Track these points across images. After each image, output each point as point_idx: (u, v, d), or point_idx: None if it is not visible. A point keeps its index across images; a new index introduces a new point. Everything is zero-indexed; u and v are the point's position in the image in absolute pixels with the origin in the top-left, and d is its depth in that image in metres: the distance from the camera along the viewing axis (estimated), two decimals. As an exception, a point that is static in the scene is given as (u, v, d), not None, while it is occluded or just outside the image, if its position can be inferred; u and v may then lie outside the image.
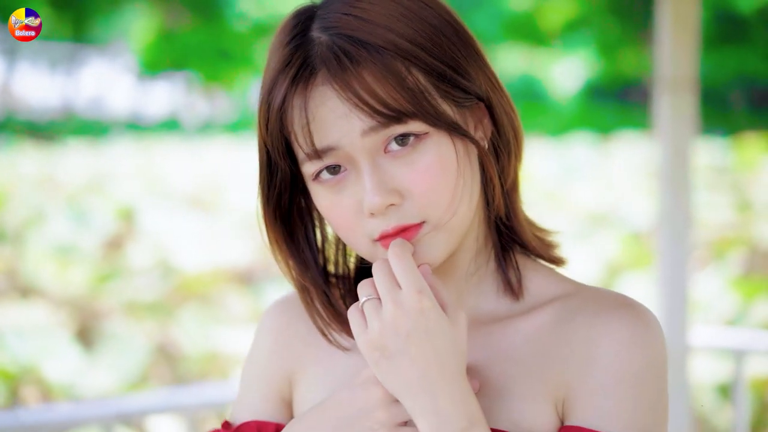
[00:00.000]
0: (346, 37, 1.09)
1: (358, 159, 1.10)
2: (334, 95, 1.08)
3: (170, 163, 12.46)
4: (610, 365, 1.12)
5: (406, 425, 1.12)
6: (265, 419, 1.29)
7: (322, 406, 1.18)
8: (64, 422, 2.60)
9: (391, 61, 1.07)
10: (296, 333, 1.31)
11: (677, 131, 3.23)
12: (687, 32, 3.20)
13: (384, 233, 1.11)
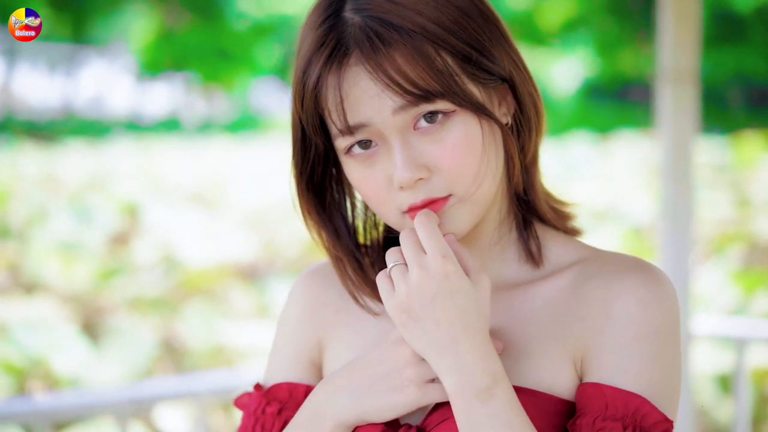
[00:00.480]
0: (378, 19, 1.13)
1: (389, 136, 1.15)
2: (367, 75, 1.13)
3: (170, 162, 12.52)
4: (625, 323, 1.18)
5: (434, 382, 1.17)
6: (296, 381, 1.34)
7: (352, 365, 1.23)
8: (77, 407, 2.65)
9: (420, 43, 1.13)
10: (326, 300, 1.36)
11: (679, 123, 3.28)
12: (688, 25, 3.25)
13: (412, 206, 1.16)
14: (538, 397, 1.18)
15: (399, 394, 1.17)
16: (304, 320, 1.38)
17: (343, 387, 1.22)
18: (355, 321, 1.33)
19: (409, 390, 1.17)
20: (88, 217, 7.11)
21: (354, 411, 1.19)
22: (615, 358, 1.17)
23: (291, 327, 1.39)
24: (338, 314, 1.35)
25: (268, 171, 11.60)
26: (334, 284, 1.36)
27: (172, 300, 6.31)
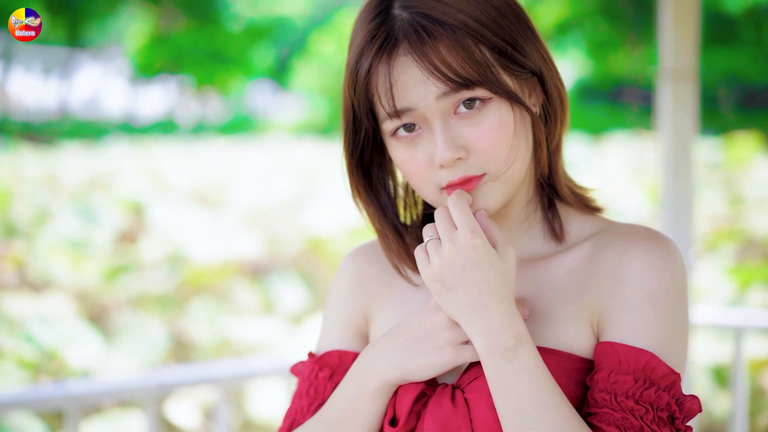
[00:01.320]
0: (424, 15, 1.26)
1: (432, 119, 1.28)
2: (414, 64, 1.26)
3: (168, 163, 12.61)
4: (636, 287, 1.31)
5: (467, 344, 1.30)
6: (345, 349, 1.47)
7: (394, 331, 1.35)
8: (108, 392, 2.77)
9: (461, 37, 1.26)
10: (371, 275, 1.49)
11: (679, 121, 3.40)
12: (688, 26, 3.38)
13: (451, 183, 1.29)
14: (560, 356, 1.31)
15: (436, 355, 1.30)
16: (351, 294, 1.50)
17: (386, 350, 1.34)
18: (396, 294, 1.46)
19: (444, 351, 1.29)
20: (93, 217, 7.20)
21: (397, 371, 1.32)
22: (627, 319, 1.29)
23: (340, 300, 1.51)
24: (382, 288, 1.48)
25: (267, 171, 11.72)
26: (378, 261, 1.49)
27: (178, 297, 6.41)
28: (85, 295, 6.28)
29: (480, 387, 1.29)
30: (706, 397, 5.21)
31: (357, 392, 1.35)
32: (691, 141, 3.44)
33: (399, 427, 1.32)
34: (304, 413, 1.45)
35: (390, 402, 1.34)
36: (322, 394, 1.45)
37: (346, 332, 1.49)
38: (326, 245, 7.36)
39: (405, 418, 1.31)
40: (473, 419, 1.28)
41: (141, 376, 3.07)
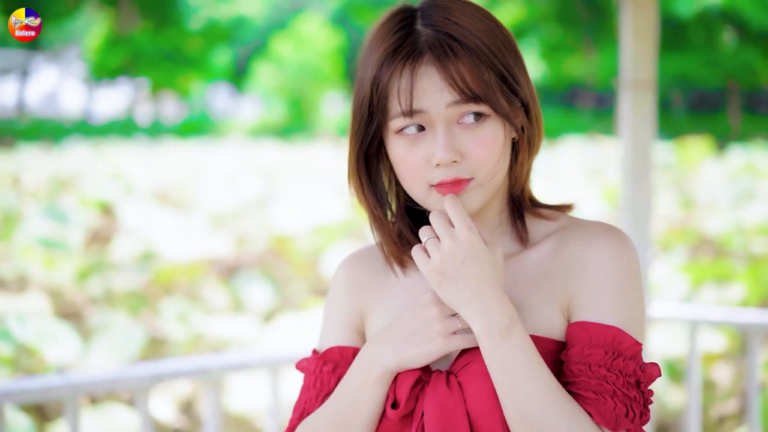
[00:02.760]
0: (447, 34, 1.47)
1: (437, 123, 1.47)
2: (436, 73, 1.46)
3: (128, 164, 12.67)
4: (601, 274, 1.51)
5: (456, 334, 1.49)
6: (345, 345, 1.65)
7: (391, 325, 1.55)
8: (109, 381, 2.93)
9: (475, 59, 1.46)
10: (364, 278, 1.67)
11: (639, 127, 3.62)
12: (646, 39, 3.60)
13: (443, 181, 1.48)
14: (537, 340, 1.50)
15: (429, 344, 1.49)
16: (347, 296, 1.68)
17: (385, 342, 1.53)
18: (387, 293, 1.64)
19: (436, 341, 1.48)
20: (63, 217, 7.30)
21: (395, 360, 1.50)
22: (594, 302, 1.50)
23: (338, 302, 1.69)
24: (374, 289, 1.66)
25: (229, 172, 11.84)
26: (369, 265, 1.68)
27: (150, 295, 6.55)
28: (60, 294, 6.40)
29: (472, 371, 1.48)
30: (660, 391, 5.42)
31: (361, 381, 1.53)
32: (649, 146, 3.65)
33: (400, 409, 1.49)
34: (312, 403, 1.62)
35: (390, 388, 1.52)
36: (327, 386, 1.62)
37: (345, 330, 1.66)
38: (291, 244, 7.52)
39: (405, 401, 1.49)
40: (467, 399, 1.47)
41: (134, 367, 3.21)
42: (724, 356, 5.78)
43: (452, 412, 1.47)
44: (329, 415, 1.56)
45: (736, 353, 5.62)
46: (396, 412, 1.50)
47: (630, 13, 3.59)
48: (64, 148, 16.41)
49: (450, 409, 1.47)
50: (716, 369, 5.72)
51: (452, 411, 1.47)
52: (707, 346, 5.35)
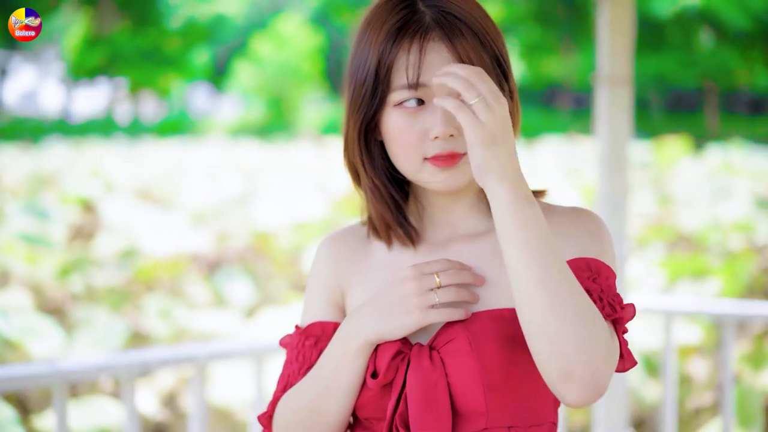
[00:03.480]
0: (449, 13, 1.55)
1: None
2: (445, 49, 1.53)
3: (108, 162, 12.69)
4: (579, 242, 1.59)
5: (432, 308, 1.55)
6: (326, 320, 1.72)
7: (372, 299, 1.61)
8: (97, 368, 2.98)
9: (477, 42, 1.54)
10: (343, 257, 1.73)
11: (615, 122, 3.69)
12: (623, 35, 3.68)
13: (438, 154, 1.54)
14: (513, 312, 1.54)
15: (407, 317, 1.55)
16: (328, 274, 1.73)
17: (366, 314, 1.59)
18: (366, 273, 1.70)
19: (414, 314, 1.55)
20: (45, 214, 7.33)
21: (375, 331, 1.57)
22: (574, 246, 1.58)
23: (319, 280, 1.75)
24: (353, 267, 1.72)
25: (209, 171, 11.88)
26: (348, 245, 1.74)
27: (132, 291, 6.60)
28: (43, 290, 6.44)
29: (454, 348, 1.54)
30: (637, 385, 5.50)
31: (342, 352, 1.59)
32: (626, 142, 3.73)
33: (379, 379, 1.56)
34: (295, 376, 1.68)
35: (371, 359, 1.58)
36: (309, 359, 1.68)
37: (326, 306, 1.72)
38: (272, 240, 7.57)
39: (384, 371, 1.55)
40: (448, 374, 1.53)
41: (121, 354, 3.27)
42: (700, 350, 5.88)
43: (435, 385, 1.53)
44: (312, 385, 1.62)
45: (712, 347, 5.71)
46: (375, 382, 1.56)
47: (607, 9, 3.67)
48: (44, 147, 16.42)
49: (433, 382, 1.53)
50: (693, 363, 5.81)
51: (435, 385, 1.53)
52: (684, 339, 5.43)
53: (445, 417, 1.53)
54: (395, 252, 1.68)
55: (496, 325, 1.54)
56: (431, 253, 1.65)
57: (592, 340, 1.40)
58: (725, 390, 3.78)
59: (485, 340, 1.53)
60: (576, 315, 1.41)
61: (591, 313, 1.42)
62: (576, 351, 1.40)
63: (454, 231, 1.67)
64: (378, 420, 1.61)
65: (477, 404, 1.53)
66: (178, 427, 5.44)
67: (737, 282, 6.11)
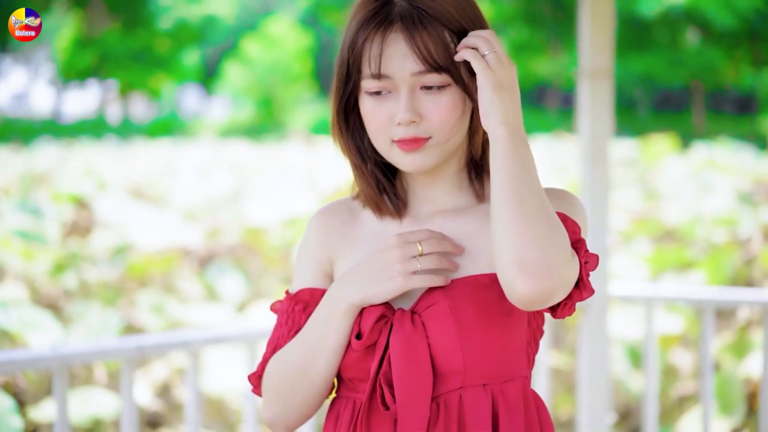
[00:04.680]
0: (418, 7, 1.65)
1: (401, 87, 1.65)
2: (403, 41, 1.63)
3: (101, 162, 12.75)
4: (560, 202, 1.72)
5: (415, 274, 1.66)
6: (315, 287, 1.82)
7: (358, 265, 1.72)
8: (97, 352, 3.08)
9: (443, 31, 1.64)
10: (333, 228, 1.84)
11: (597, 115, 3.80)
12: (604, 29, 3.79)
13: (401, 138, 1.67)
14: (491, 276, 1.67)
15: (390, 282, 1.66)
16: (318, 244, 1.84)
17: (352, 280, 1.70)
18: (355, 243, 1.81)
19: (397, 279, 1.66)
20: (38, 211, 7.41)
21: (360, 295, 1.68)
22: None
23: (310, 249, 1.85)
24: (342, 238, 1.82)
25: (201, 170, 11.96)
26: (338, 217, 1.84)
27: (126, 286, 6.69)
28: (37, 285, 6.53)
29: (434, 312, 1.65)
30: (623, 376, 5.61)
31: (329, 314, 1.70)
32: (607, 134, 3.84)
33: (363, 340, 1.67)
34: (284, 339, 1.79)
35: (356, 322, 1.69)
36: (298, 323, 1.79)
37: (315, 274, 1.83)
38: (263, 236, 7.67)
39: (368, 333, 1.66)
40: (429, 336, 1.65)
41: (120, 339, 3.37)
42: (683, 340, 5.99)
43: (416, 347, 1.64)
44: (299, 346, 1.74)
45: (696, 338, 5.82)
46: (360, 343, 1.67)
47: (588, 5, 3.78)
48: (35, 147, 16.48)
49: (414, 344, 1.64)
50: (676, 353, 5.92)
51: (416, 346, 1.64)
52: (667, 329, 5.54)
53: (426, 376, 1.64)
54: (382, 224, 1.79)
55: (473, 291, 1.66)
56: (414, 225, 1.77)
57: (550, 238, 1.54)
58: (705, 373, 3.88)
59: (463, 305, 1.65)
60: (541, 220, 1.54)
61: (555, 222, 1.56)
62: (533, 242, 1.52)
63: (436, 206, 1.77)
64: (361, 380, 1.72)
65: (455, 364, 1.65)
66: (172, 417, 5.54)
67: (720, 274, 6.22)
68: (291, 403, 1.76)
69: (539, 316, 1.77)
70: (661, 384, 5.63)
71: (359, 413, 1.70)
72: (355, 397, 1.74)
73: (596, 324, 3.90)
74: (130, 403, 3.13)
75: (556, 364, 5.84)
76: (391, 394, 1.65)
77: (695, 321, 5.62)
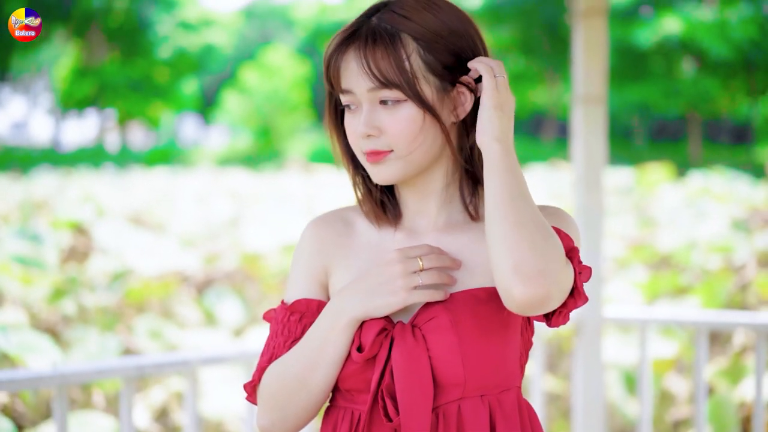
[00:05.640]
0: (382, 25, 1.70)
1: (363, 102, 1.71)
2: (354, 60, 1.70)
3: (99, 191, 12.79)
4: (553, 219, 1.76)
5: (416, 289, 1.70)
6: (311, 297, 1.85)
7: (360, 278, 1.75)
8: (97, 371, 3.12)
9: (398, 47, 1.69)
10: (329, 239, 1.87)
11: (591, 140, 3.86)
12: (597, 57, 3.86)
13: (366, 151, 1.73)
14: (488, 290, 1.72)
15: (392, 297, 1.70)
16: (313, 254, 1.87)
17: (354, 294, 1.73)
18: (351, 254, 1.84)
19: (399, 294, 1.70)
20: (37, 238, 7.45)
21: (361, 309, 1.71)
22: None
23: (305, 260, 1.87)
24: (338, 249, 1.85)
25: (199, 198, 12.01)
26: (335, 228, 1.88)
27: (124, 311, 6.72)
28: (36, 310, 6.56)
29: (435, 326, 1.69)
30: (619, 402, 5.63)
31: (330, 326, 1.73)
32: (601, 158, 3.90)
33: (364, 353, 1.70)
34: (281, 348, 1.81)
35: (356, 334, 1.72)
36: (294, 333, 1.81)
37: (310, 285, 1.85)
38: (260, 262, 7.71)
39: (369, 346, 1.70)
40: (430, 349, 1.68)
41: (119, 359, 3.40)
42: (678, 365, 6.02)
43: (418, 360, 1.68)
44: (298, 356, 1.76)
45: (691, 363, 5.85)
46: (361, 356, 1.70)
47: (582, 33, 3.86)
48: (34, 176, 16.54)
49: (416, 357, 1.68)
50: (671, 378, 5.95)
51: (417, 359, 1.68)
52: (662, 353, 5.57)
53: (428, 388, 1.67)
54: (378, 235, 1.83)
55: (471, 304, 1.70)
56: (410, 239, 1.80)
57: (545, 244, 1.59)
58: (698, 396, 3.92)
59: (464, 319, 1.69)
60: (534, 227, 1.60)
61: (548, 231, 1.61)
62: (528, 248, 1.58)
63: (431, 221, 1.81)
64: (359, 392, 1.75)
65: (456, 376, 1.68)
66: (170, 441, 5.56)
67: (715, 300, 6.25)
68: (288, 411, 1.78)
69: (530, 327, 1.82)
70: (656, 410, 5.65)
71: (360, 425, 1.73)
72: (353, 408, 1.77)
73: (591, 348, 3.94)
74: (129, 424, 3.16)
75: (551, 389, 5.87)
76: (394, 406, 1.68)
77: (690, 346, 5.65)
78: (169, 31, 34.27)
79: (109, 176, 17.20)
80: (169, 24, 34.38)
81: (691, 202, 10.53)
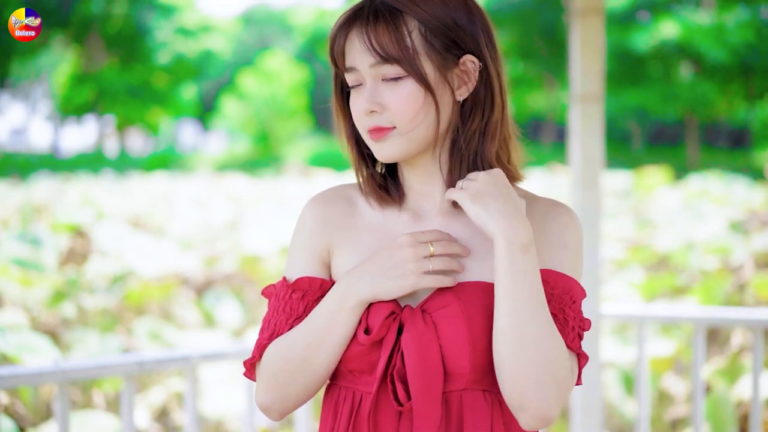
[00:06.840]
0: (386, 3, 1.72)
1: (366, 79, 1.72)
2: (357, 37, 1.71)
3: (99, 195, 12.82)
4: (560, 234, 1.76)
5: (426, 274, 1.70)
6: (313, 275, 1.83)
7: (369, 260, 1.74)
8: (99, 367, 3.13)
9: (400, 24, 1.70)
10: (330, 216, 1.85)
11: (588, 139, 3.88)
12: (594, 57, 3.88)
13: (369, 128, 1.74)
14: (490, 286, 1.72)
15: (403, 280, 1.69)
16: (314, 232, 1.85)
17: (363, 275, 1.72)
18: (354, 232, 1.83)
19: (409, 278, 1.69)
20: (37, 241, 7.47)
21: (371, 291, 1.70)
22: (556, 255, 1.75)
23: (305, 237, 1.86)
24: (341, 228, 1.84)
25: (198, 201, 12.04)
26: (336, 206, 1.87)
27: (124, 313, 6.74)
28: (36, 313, 6.58)
29: (446, 314, 1.69)
30: (618, 402, 5.65)
31: (338, 307, 1.71)
32: (599, 157, 3.91)
33: (372, 335, 1.69)
34: (282, 326, 1.79)
35: (363, 316, 1.72)
36: (296, 311, 1.79)
37: (312, 263, 1.83)
38: (259, 264, 7.73)
39: (377, 328, 1.69)
40: (440, 336, 1.67)
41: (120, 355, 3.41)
42: (676, 364, 6.04)
43: (428, 345, 1.67)
44: (303, 335, 1.75)
45: (688, 363, 5.87)
46: (368, 338, 1.70)
47: (579, 32, 3.88)
48: (33, 181, 16.58)
49: (426, 343, 1.68)
50: (669, 378, 5.96)
51: (428, 345, 1.68)
52: (660, 352, 5.59)
53: (437, 374, 1.67)
54: (382, 215, 1.83)
55: (482, 297, 1.70)
56: (416, 221, 1.80)
57: (550, 382, 1.61)
58: (696, 393, 3.93)
59: (475, 309, 1.69)
60: (541, 358, 1.61)
61: (554, 355, 1.63)
62: (533, 390, 1.61)
63: (436, 204, 1.80)
64: (361, 372, 1.75)
65: (463, 366, 1.68)
66: (170, 441, 5.58)
67: (712, 300, 6.28)
68: (288, 390, 1.78)
69: None
70: (654, 409, 5.67)
71: (363, 405, 1.74)
72: (355, 389, 1.77)
73: (589, 347, 3.95)
74: (129, 421, 3.17)
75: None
76: (405, 390, 1.68)
77: (687, 345, 5.67)
78: (168, 37, 34.30)
79: (109, 181, 17.24)
80: (168, 30, 34.42)
81: (689, 204, 10.57)
